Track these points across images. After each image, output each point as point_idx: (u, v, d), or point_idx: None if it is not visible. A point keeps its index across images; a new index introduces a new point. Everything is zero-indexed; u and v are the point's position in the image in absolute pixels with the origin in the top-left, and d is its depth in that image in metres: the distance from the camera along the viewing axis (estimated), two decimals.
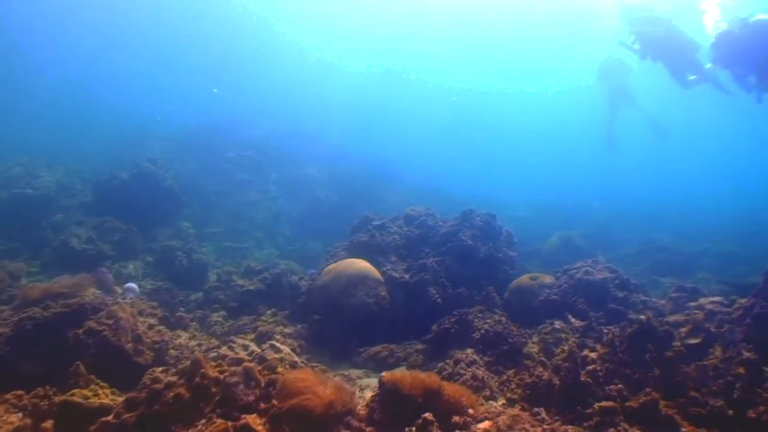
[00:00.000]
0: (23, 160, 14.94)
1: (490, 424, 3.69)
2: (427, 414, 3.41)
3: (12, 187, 13.20)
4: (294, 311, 8.70)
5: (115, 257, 11.31)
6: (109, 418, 3.73)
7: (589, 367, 4.38)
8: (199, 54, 40.07)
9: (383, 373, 4.09)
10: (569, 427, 3.90)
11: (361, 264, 8.41)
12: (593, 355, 4.72)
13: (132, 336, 5.58)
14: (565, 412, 4.16)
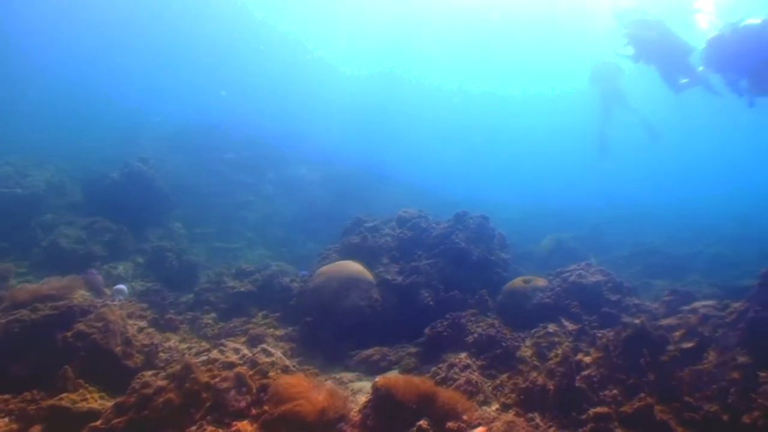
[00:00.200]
0: (12, 158, 14.70)
1: (484, 430, 3.66)
2: (422, 422, 3.37)
3: (1, 187, 13.02)
4: (285, 313, 8.64)
5: (106, 258, 11.18)
6: (98, 423, 3.69)
7: (584, 373, 4.36)
8: (199, 54, 39.97)
9: (377, 379, 4.04)
10: None
11: (354, 266, 8.36)
12: (587, 360, 4.70)
13: (121, 339, 5.51)
14: (560, 417, 4.14)
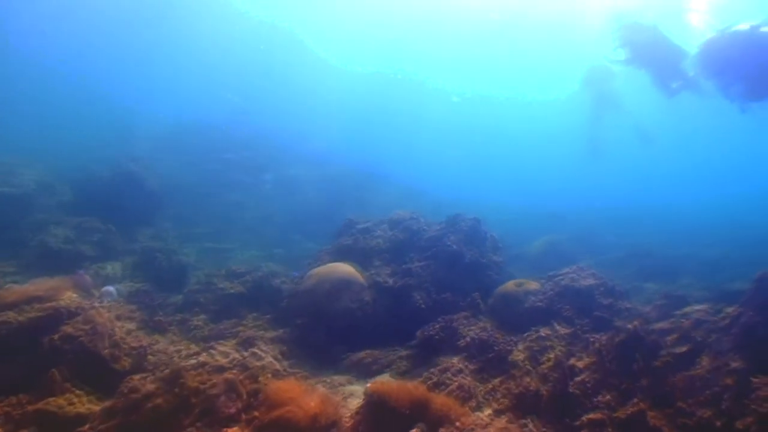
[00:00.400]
0: (2, 158, 14.54)
1: None
2: (416, 429, 3.33)
3: None
4: (277, 315, 8.54)
5: (95, 258, 11.04)
6: (85, 428, 3.63)
7: (578, 378, 4.33)
8: (199, 53, 39.74)
9: (368, 384, 4.00)
10: None
11: (346, 268, 8.31)
12: (581, 365, 4.67)
13: (109, 342, 5.42)
14: (553, 423, 4.11)
